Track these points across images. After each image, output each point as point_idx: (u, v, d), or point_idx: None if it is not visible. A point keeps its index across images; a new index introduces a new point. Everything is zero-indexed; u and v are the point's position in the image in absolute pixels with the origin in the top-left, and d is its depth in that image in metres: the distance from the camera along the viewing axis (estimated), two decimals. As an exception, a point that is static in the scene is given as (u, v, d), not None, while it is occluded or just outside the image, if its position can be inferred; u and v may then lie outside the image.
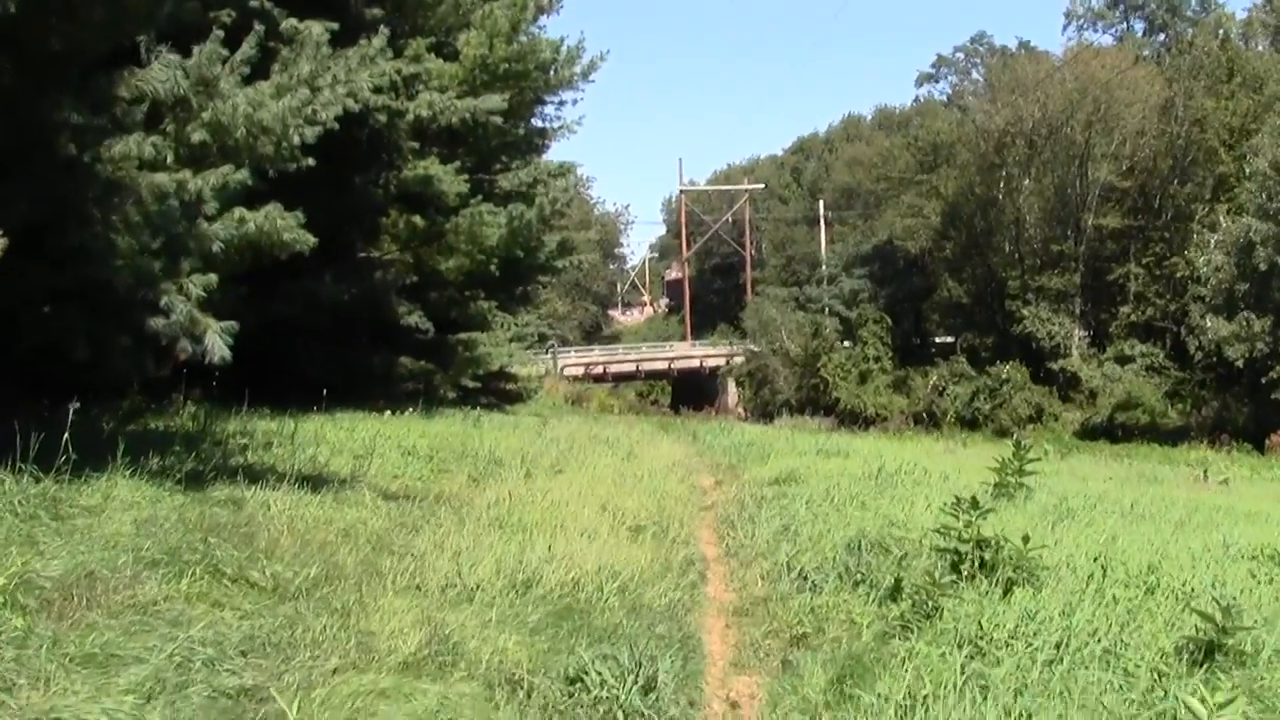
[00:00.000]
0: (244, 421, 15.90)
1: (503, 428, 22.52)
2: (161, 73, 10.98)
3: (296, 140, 14.79)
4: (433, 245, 25.99)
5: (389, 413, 21.36)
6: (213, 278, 11.05)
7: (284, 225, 15.55)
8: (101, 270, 10.52)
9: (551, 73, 28.06)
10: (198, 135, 13.62)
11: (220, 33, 13.78)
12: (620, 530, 10.88)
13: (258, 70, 15.40)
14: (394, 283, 24.64)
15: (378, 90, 20.40)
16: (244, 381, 21.86)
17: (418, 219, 25.64)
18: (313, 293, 22.33)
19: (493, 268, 27.15)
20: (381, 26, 18.43)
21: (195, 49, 13.49)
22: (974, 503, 8.44)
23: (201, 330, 10.67)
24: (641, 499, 12.67)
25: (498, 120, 24.52)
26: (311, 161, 16.31)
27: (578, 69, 28.86)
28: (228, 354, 10.77)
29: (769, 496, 13.60)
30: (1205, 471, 23.64)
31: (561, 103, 32.11)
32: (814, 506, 12.33)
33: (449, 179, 24.43)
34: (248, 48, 14.60)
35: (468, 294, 30.65)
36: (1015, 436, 18.51)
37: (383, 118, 22.11)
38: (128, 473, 9.49)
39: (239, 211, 14.85)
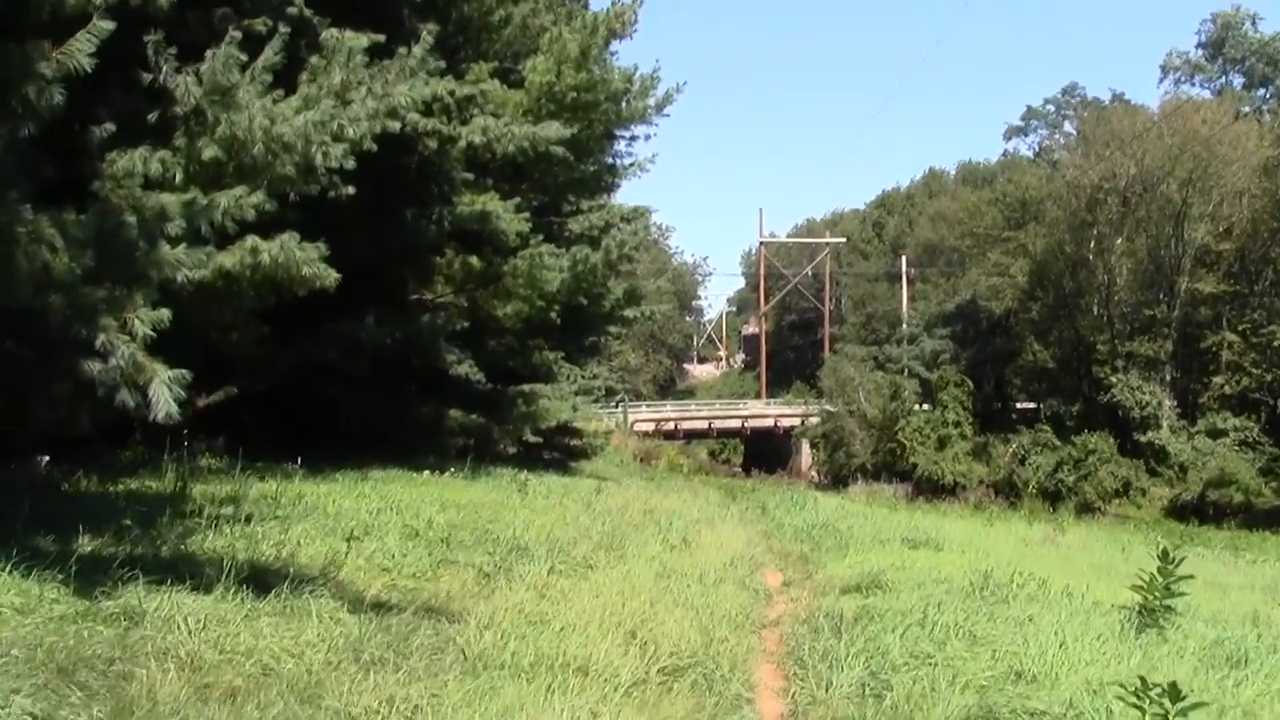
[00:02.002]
0: (239, 483, 13.71)
1: (549, 495, 20.03)
2: (87, 44, 8.87)
3: (320, 159, 12.81)
4: (489, 289, 23.92)
5: (428, 472, 19.32)
6: (165, 313, 8.92)
7: (303, 257, 13.49)
8: (12, 296, 8.40)
9: (624, 105, 25.86)
10: (210, 151, 11.76)
11: (238, 34, 11.89)
12: (650, 674, 8.09)
13: (287, 84, 13.60)
14: (444, 328, 22.55)
15: (427, 112, 18.58)
16: (277, 430, 20.08)
17: (474, 259, 23.61)
18: (352, 335, 20.34)
19: (554, 315, 25.02)
20: (425, 34, 16.34)
21: (209, 53, 11.63)
22: (1173, 692, 6.01)
23: (146, 379, 8.49)
24: (685, 618, 9.81)
25: (560, 151, 22.32)
26: (351, 189, 14.61)
27: (652, 101, 26.65)
28: (175, 410, 8.51)
29: (849, 615, 10.64)
30: None
31: (633, 138, 30.07)
32: (909, 639, 9.42)
33: (508, 216, 22.38)
34: (271, 53, 12.71)
35: (531, 343, 28.68)
36: (1153, 539, 15.90)
37: (432, 143, 20.16)
38: (6, 565, 7.26)
39: (251, 240, 12.88)
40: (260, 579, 8.39)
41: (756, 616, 11.54)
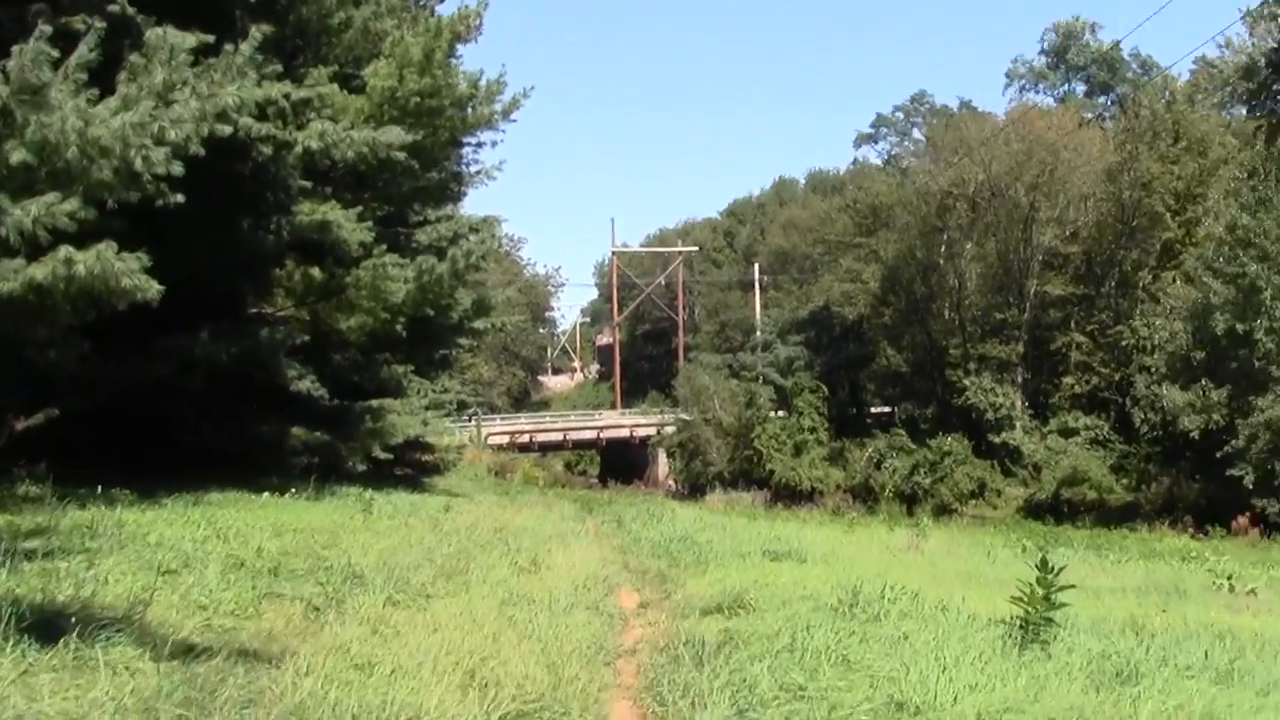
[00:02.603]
0: (53, 512, 12.67)
1: (395, 515, 19.11)
2: None
3: (140, 163, 11.98)
4: (331, 301, 23.05)
5: (268, 494, 18.41)
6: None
7: (122, 268, 12.61)
8: None
9: (469, 110, 25.08)
10: (18, 155, 10.89)
11: (48, 29, 11.07)
12: None
13: (107, 84, 12.74)
14: (284, 342, 21.58)
15: (261, 117, 17.71)
16: (108, 452, 19.02)
17: (315, 271, 22.75)
18: (186, 351, 19.31)
19: (399, 327, 24.11)
20: (254, 32, 15.46)
21: (16, 49, 10.78)
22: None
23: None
24: (532, 653, 8.73)
25: (402, 158, 21.50)
26: (180, 197, 13.71)
27: (498, 107, 25.91)
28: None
29: (711, 641, 9.76)
30: (1230, 581, 20.84)
31: (480, 144, 29.39)
32: (778, 668, 8.41)
33: (350, 226, 21.51)
34: (86, 50, 11.88)
35: (378, 357, 27.80)
36: (1037, 551, 15.51)
37: (267, 149, 19.19)
38: None
39: (65, 251, 11.99)
40: (50, 625, 7.30)
41: (611, 646, 10.55)
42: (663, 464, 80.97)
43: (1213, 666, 10.08)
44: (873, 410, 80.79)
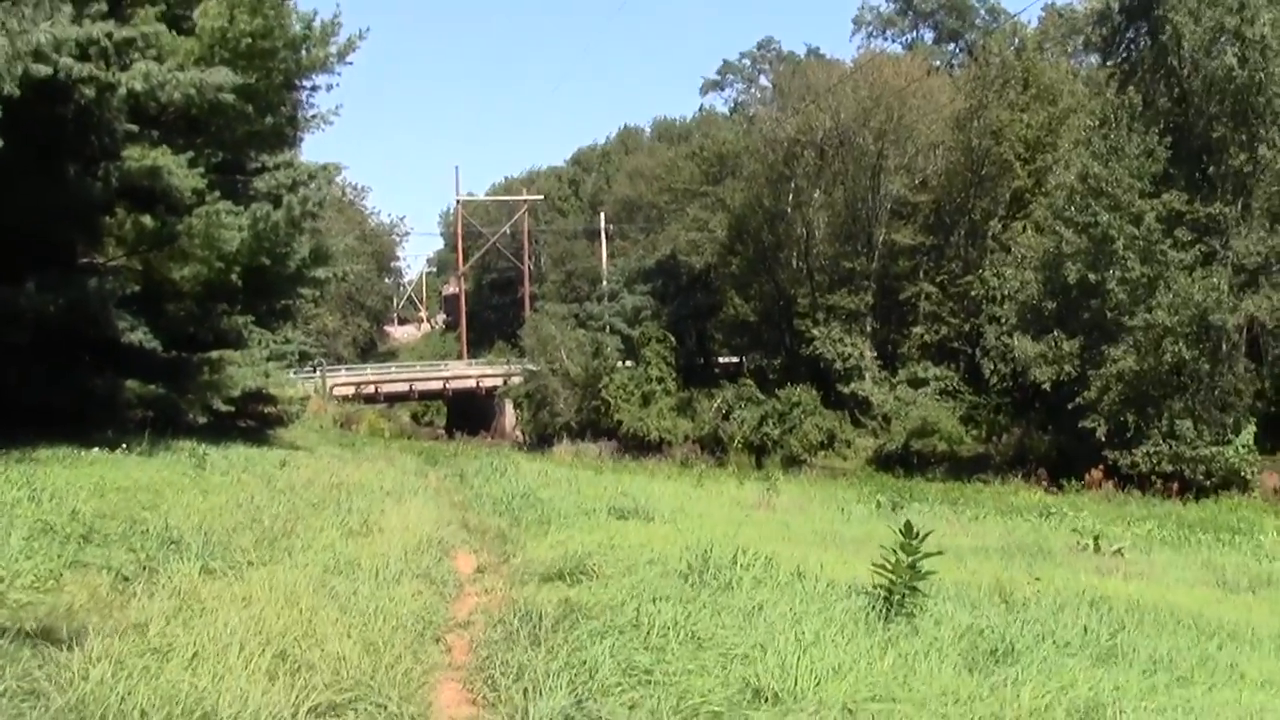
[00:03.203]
0: None
1: (229, 470, 18.48)
2: None
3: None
4: (164, 250, 22.26)
5: (99, 449, 17.72)
6: None
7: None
8: None
9: (304, 52, 24.38)
10: None
11: None
12: (299, 716, 6.20)
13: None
14: (113, 292, 20.82)
15: (83, 57, 16.95)
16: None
17: (147, 219, 21.91)
18: (10, 302, 18.56)
19: (235, 277, 23.45)
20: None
21: None
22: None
23: None
24: (352, 630, 7.93)
25: (231, 99, 20.68)
26: (-1, 142, 13.07)
27: (333, 49, 25.17)
28: None
29: (550, 613, 8.94)
30: (1096, 540, 20.90)
31: (315, 88, 28.45)
32: (621, 648, 7.69)
33: (182, 172, 20.79)
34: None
35: (219, 307, 26.99)
36: (898, 507, 15.37)
37: (90, 91, 18.36)
38: None
39: None
40: None
41: (442, 619, 9.70)
42: (510, 415, 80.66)
43: (1093, 642, 9.71)
44: (721, 360, 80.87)
